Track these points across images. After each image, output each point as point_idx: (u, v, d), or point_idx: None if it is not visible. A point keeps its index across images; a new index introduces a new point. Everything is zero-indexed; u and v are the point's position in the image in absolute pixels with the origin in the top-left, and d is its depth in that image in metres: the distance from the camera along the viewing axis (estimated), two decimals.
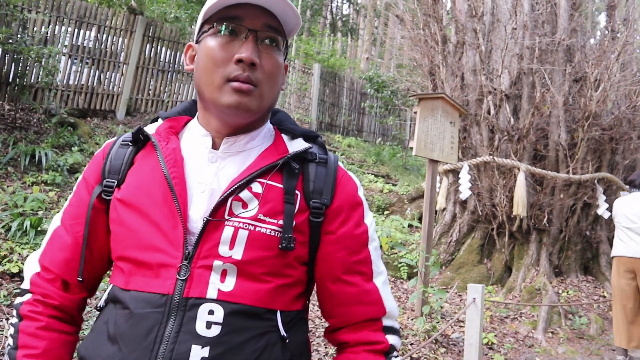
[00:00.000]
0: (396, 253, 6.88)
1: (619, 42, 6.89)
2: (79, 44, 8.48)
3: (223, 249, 1.00)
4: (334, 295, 1.13)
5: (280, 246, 1.02)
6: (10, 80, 7.32)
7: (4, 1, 6.94)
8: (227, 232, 1.01)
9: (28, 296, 1.12)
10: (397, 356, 1.14)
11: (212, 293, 0.98)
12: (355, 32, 27.44)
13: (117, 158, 1.14)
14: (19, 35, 7.18)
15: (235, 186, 1.03)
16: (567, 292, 6.53)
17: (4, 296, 3.86)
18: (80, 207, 1.14)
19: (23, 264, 4.24)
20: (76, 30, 8.40)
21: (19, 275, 4.17)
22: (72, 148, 6.95)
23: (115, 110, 8.95)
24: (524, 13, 7.23)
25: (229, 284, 0.99)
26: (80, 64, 8.54)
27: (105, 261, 1.16)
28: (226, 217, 1.02)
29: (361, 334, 1.12)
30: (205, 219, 1.01)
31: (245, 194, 1.04)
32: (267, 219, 1.03)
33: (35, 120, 7.42)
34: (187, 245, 1.00)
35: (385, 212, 8.88)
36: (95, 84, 8.70)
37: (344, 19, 28.71)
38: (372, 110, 14.77)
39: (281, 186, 1.07)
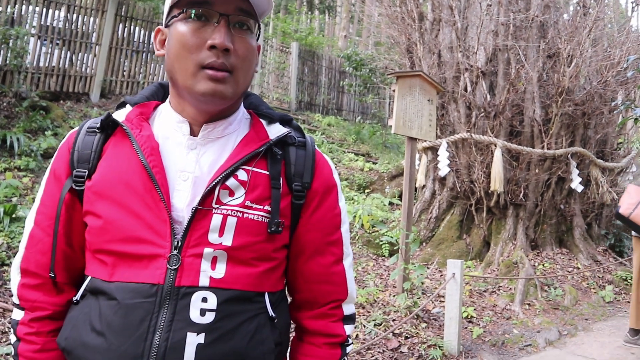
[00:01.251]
0: (377, 231, 6.94)
1: (591, 17, 6.95)
2: (48, 24, 8.26)
3: (213, 237, 1.01)
4: (303, 272, 1.16)
5: (269, 230, 1.04)
6: None
7: None
8: (216, 219, 1.02)
9: (21, 314, 1.12)
10: (351, 343, 1.21)
11: (204, 281, 0.99)
12: (333, 9, 27.17)
13: (84, 147, 1.10)
14: None
15: (222, 175, 1.03)
16: (543, 265, 6.69)
17: None
18: (52, 204, 1.11)
19: None
20: (44, 10, 8.18)
21: None
22: (46, 132, 6.83)
23: (89, 93, 8.78)
24: None
25: (220, 270, 1.01)
26: (51, 45, 8.33)
27: None
28: (214, 205, 1.02)
29: (322, 323, 1.17)
30: (194, 208, 1.01)
31: (231, 182, 1.04)
32: (255, 205, 1.05)
33: (5, 104, 7.24)
34: (175, 235, 1.00)
35: (366, 191, 8.93)
36: (67, 66, 8.51)
37: None
38: (351, 88, 14.74)
39: (267, 172, 1.08)
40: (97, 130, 1.11)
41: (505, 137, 6.95)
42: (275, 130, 1.14)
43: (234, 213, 1.02)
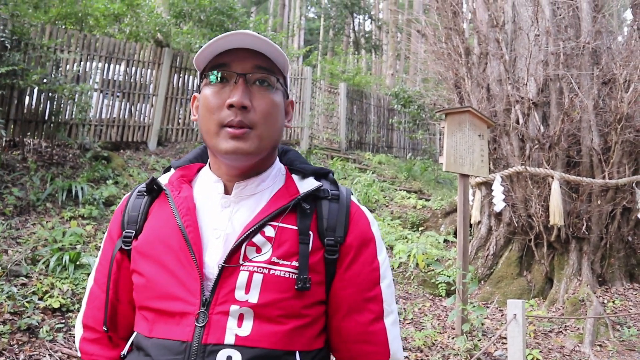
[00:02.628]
0: (433, 270, 6.78)
1: None
2: (109, 78, 8.76)
3: (239, 294, 1.01)
4: (340, 331, 1.12)
5: (296, 287, 1.03)
6: (46, 118, 7.59)
7: (38, 44, 7.23)
8: (242, 276, 1.02)
9: None
10: None
11: (229, 339, 0.99)
12: (379, 48, 27.53)
13: (133, 209, 1.18)
14: (52, 75, 7.46)
15: (249, 232, 1.04)
16: (613, 302, 6.31)
17: (47, 331, 3.95)
18: (106, 262, 1.18)
19: (64, 298, 4.34)
20: (106, 65, 8.68)
21: (60, 310, 4.26)
22: (107, 181, 7.13)
23: (147, 141, 9.16)
24: (545, 19, 7.14)
25: (246, 328, 1.00)
26: (112, 98, 8.80)
27: None
28: (240, 262, 1.03)
29: None
30: (220, 265, 1.02)
31: (258, 239, 1.05)
32: (281, 262, 1.04)
33: (70, 155, 7.65)
34: (204, 292, 1.02)
35: (420, 229, 8.78)
36: (126, 117, 8.94)
37: (366, 36, 28.85)
38: (400, 125, 14.73)
39: (295, 227, 1.08)
40: (144, 194, 1.19)
41: (562, 168, 6.72)
42: (307, 185, 1.15)
43: (260, 270, 1.03)
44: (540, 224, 6.68)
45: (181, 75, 9.75)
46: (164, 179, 1.20)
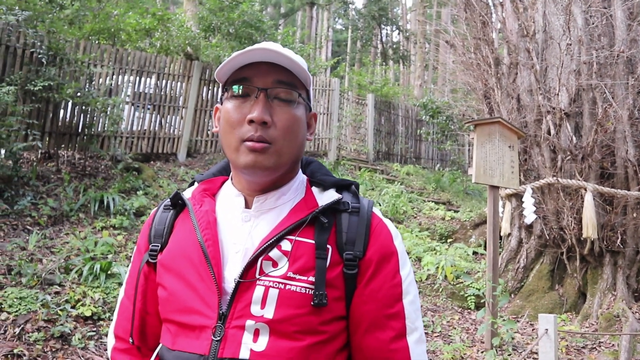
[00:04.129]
0: (462, 282, 6.68)
1: None
2: (140, 91, 8.94)
3: (255, 309, 1.01)
4: (361, 348, 1.08)
5: (312, 303, 1.01)
6: (79, 130, 7.78)
7: (73, 58, 7.45)
8: (258, 291, 1.02)
9: None
10: None
11: (244, 353, 0.99)
12: (407, 59, 27.49)
13: (160, 223, 1.20)
14: (86, 89, 7.67)
15: (265, 245, 1.04)
16: None
17: (79, 339, 4.02)
18: (135, 274, 1.21)
19: (95, 307, 4.41)
20: (137, 78, 8.87)
21: (92, 319, 4.34)
22: (137, 192, 7.26)
23: (177, 153, 9.30)
24: (577, 28, 7.02)
25: (262, 343, 1.00)
26: (143, 110, 8.98)
27: None
28: (257, 276, 1.03)
29: None
30: (236, 280, 1.02)
31: (274, 253, 1.04)
32: (298, 277, 1.02)
33: (102, 167, 7.82)
34: (221, 306, 1.02)
35: (449, 240, 8.68)
36: (156, 129, 9.11)
37: (394, 47, 28.85)
38: (428, 136, 14.64)
39: (312, 241, 1.06)
40: (170, 207, 1.21)
41: (595, 180, 6.56)
42: (327, 197, 1.12)
43: (276, 285, 1.01)
44: (572, 237, 6.53)
45: (210, 87, 9.90)
46: (188, 193, 1.21)
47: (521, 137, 5.73)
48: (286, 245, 1.05)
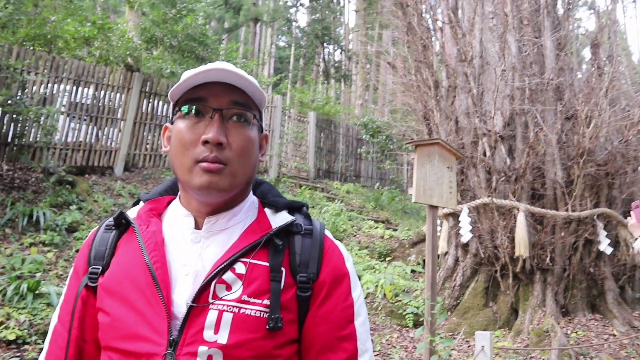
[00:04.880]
0: (400, 301, 6.77)
1: (606, 78, 7.01)
2: (77, 101, 8.61)
3: (208, 334, 0.97)
4: None
5: (267, 327, 0.99)
6: (9, 140, 7.39)
7: (4, 64, 7.08)
8: (212, 316, 0.98)
9: None
10: None
11: None
12: (348, 78, 27.94)
13: (101, 244, 1.13)
14: (18, 96, 7.29)
15: (218, 269, 1.01)
16: (576, 333, 6.40)
17: None
18: (71, 299, 1.13)
19: (21, 330, 4.15)
20: (74, 88, 8.54)
21: (15, 343, 4.08)
22: (71, 206, 6.95)
23: (114, 167, 9.00)
24: (511, 55, 7.39)
25: None
26: (79, 121, 8.65)
27: None
28: (210, 300, 0.99)
29: None
30: (188, 304, 0.99)
31: (228, 276, 1.02)
32: (252, 300, 1.00)
33: (33, 179, 7.44)
34: (171, 332, 0.97)
35: (387, 259, 8.80)
36: (93, 141, 8.79)
37: (336, 66, 29.28)
38: (368, 155, 14.88)
39: (267, 264, 1.04)
40: (112, 228, 1.14)
41: (527, 200, 6.87)
42: (280, 219, 1.12)
43: (230, 309, 0.98)
44: (506, 255, 6.78)
45: (151, 100, 9.67)
46: (132, 213, 1.16)
47: (459, 159, 5.91)
48: (240, 267, 1.03)
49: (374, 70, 23.59)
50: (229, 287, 1.01)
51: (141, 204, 1.19)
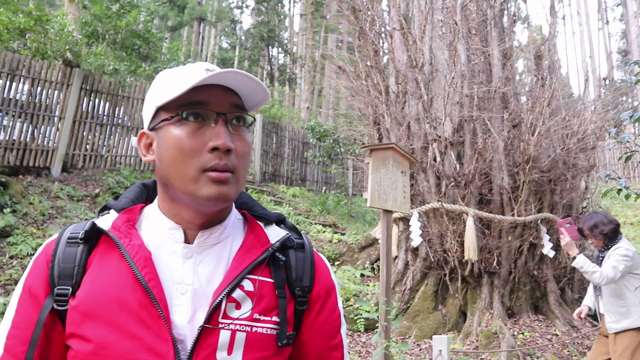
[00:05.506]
0: (351, 305, 6.75)
1: (549, 89, 7.28)
2: (10, 97, 8.09)
3: (221, 355, 0.91)
4: None
5: (279, 344, 0.97)
6: None
7: None
8: (224, 336, 0.92)
9: None
10: None
11: None
12: (294, 81, 27.88)
13: (66, 260, 0.97)
14: None
15: (229, 286, 0.95)
16: (523, 334, 6.59)
17: None
18: (27, 327, 0.95)
19: None
20: (7, 83, 8.02)
21: None
22: (4, 209, 6.49)
23: (50, 167, 8.51)
24: (461, 63, 7.54)
25: None
26: (12, 119, 8.12)
27: None
28: (221, 320, 0.93)
29: None
30: (200, 327, 0.91)
31: (238, 294, 0.96)
32: (263, 317, 0.97)
33: None
34: (178, 356, 0.89)
35: (336, 263, 8.77)
36: (28, 140, 8.28)
37: (281, 69, 29.17)
38: (314, 159, 14.87)
39: (271, 280, 1.01)
40: (79, 241, 0.99)
41: (476, 205, 7.02)
42: (275, 234, 1.08)
43: (243, 328, 0.94)
44: (455, 259, 6.89)
45: (92, 98, 9.22)
46: (104, 223, 1.01)
47: (413, 164, 5.96)
48: (248, 285, 0.98)
49: (320, 74, 23.68)
50: (238, 306, 0.96)
51: (112, 212, 1.05)
